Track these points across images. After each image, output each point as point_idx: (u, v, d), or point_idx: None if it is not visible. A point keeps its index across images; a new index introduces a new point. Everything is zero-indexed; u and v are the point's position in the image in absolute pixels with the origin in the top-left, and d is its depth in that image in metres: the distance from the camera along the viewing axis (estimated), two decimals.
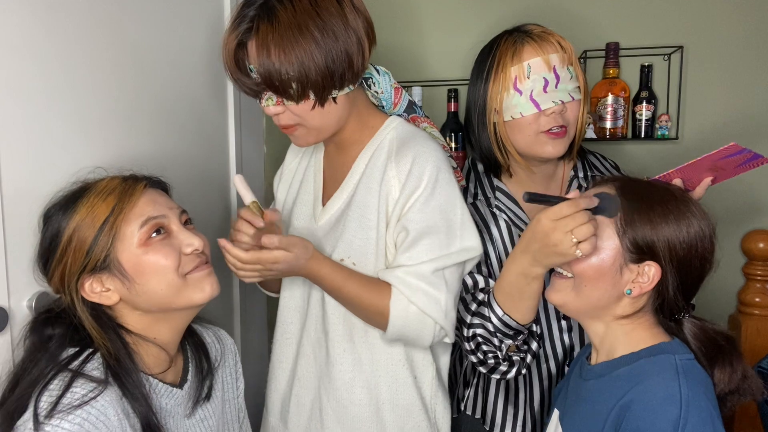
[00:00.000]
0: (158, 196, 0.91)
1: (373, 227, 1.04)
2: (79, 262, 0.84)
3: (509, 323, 1.01)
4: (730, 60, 1.67)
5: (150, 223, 0.86)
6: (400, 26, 1.87)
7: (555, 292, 0.93)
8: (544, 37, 1.12)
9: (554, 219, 0.85)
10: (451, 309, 1.02)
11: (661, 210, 0.86)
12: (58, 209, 0.87)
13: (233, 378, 1.08)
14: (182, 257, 0.88)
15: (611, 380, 0.87)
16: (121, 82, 1.11)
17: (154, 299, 0.87)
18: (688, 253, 0.85)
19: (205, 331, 1.05)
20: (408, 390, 1.08)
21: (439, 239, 1.01)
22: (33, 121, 0.93)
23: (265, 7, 0.95)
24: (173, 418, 0.90)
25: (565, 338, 1.17)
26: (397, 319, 1.00)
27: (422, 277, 1.00)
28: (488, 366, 1.07)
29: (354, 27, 0.98)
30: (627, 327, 0.89)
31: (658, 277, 0.85)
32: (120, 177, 0.90)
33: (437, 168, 1.02)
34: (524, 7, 1.75)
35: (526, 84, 1.09)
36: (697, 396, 0.79)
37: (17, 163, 0.91)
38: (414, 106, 1.16)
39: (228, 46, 0.99)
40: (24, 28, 0.91)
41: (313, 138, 1.06)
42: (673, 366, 0.82)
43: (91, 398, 0.77)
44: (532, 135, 1.11)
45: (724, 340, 0.89)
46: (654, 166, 1.63)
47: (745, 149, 0.96)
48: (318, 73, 0.95)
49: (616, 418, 0.81)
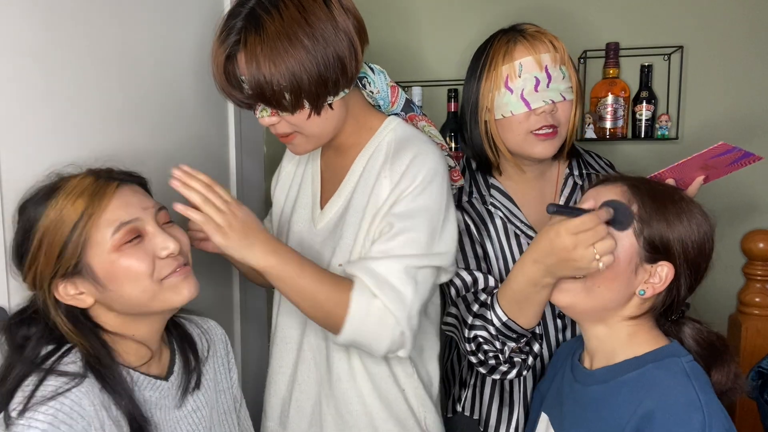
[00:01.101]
0: (131, 196, 0.86)
1: (364, 225, 1.02)
2: (51, 267, 0.81)
3: (513, 327, 1.00)
4: (730, 60, 1.67)
5: (123, 229, 0.82)
6: (400, 26, 1.87)
7: (563, 293, 0.91)
8: (537, 36, 1.12)
9: (575, 233, 0.83)
10: (415, 315, 0.95)
11: (674, 209, 0.85)
12: (32, 205, 0.84)
13: (225, 368, 1.07)
14: (157, 261, 0.85)
15: (618, 386, 0.86)
16: (121, 82, 1.11)
17: (129, 303, 0.85)
18: (698, 254, 0.85)
19: (192, 323, 1.04)
20: (398, 403, 1.07)
21: (419, 237, 0.97)
22: (33, 121, 0.93)
23: (252, 18, 0.93)
24: (161, 410, 0.89)
25: (560, 337, 1.17)
26: (358, 312, 0.93)
27: (392, 272, 0.94)
28: (488, 366, 1.06)
29: (345, 29, 0.95)
30: (631, 329, 0.88)
31: (671, 277, 0.84)
32: (92, 175, 0.86)
33: (434, 172, 0.99)
34: (524, 6, 1.75)
35: (517, 83, 1.10)
36: (711, 397, 0.79)
37: (17, 163, 0.91)
38: (411, 105, 1.15)
39: (217, 60, 0.96)
40: (24, 28, 0.91)
41: (311, 145, 1.04)
42: (682, 369, 0.82)
43: (64, 390, 0.75)
44: (522, 134, 1.12)
45: (719, 342, 0.89)
46: (654, 166, 1.61)
47: (735, 148, 0.97)
48: (311, 82, 0.93)
49: (637, 427, 0.80)
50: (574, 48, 1.73)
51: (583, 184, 1.22)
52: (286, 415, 1.13)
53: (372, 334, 0.94)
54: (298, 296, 0.95)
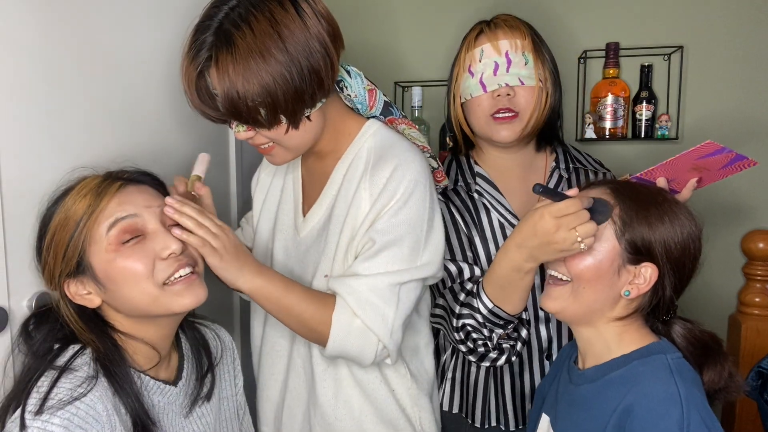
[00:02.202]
0: (135, 195, 0.86)
1: (344, 238, 1.01)
2: (59, 265, 0.82)
3: (499, 314, 1.01)
4: (730, 60, 1.67)
5: (118, 226, 0.82)
6: (400, 25, 1.87)
7: (552, 300, 0.91)
8: (502, 25, 1.18)
9: (558, 216, 0.85)
10: (398, 329, 0.96)
11: (656, 211, 0.86)
12: (50, 203, 0.86)
13: (231, 375, 1.07)
14: (157, 262, 0.83)
15: (605, 384, 0.87)
16: (121, 82, 1.11)
17: (131, 306, 0.84)
18: (682, 254, 0.86)
19: (208, 328, 1.05)
20: (388, 405, 1.07)
21: (401, 252, 0.96)
22: (33, 121, 0.93)
23: (221, 34, 0.88)
24: (167, 416, 0.89)
25: (541, 329, 1.19)
26: (339, 332, 0.95)
27: (374, 290, 0.94)
28: (478, 354, 1.07)
29: (319, 39, 0.91)
30: (619, 329, 0.89)
31: (654, 278, 0.85)
32: (101, 175, 0.87)
33: (415, 182, 0.97)
34: (525, 6, 1.75)
35: (478, 67, 1.17)
36: (693, 393, 0.79)
37: (17, 163, 0.91)
38: (390, 108, 1.11)
39: (188, 77, 0.92)
40: (23, 28, 0.91)
41: (291, 156, 1.02)
42: (666, 365, 0.83)
43: (80, 393, 0.76)
44: (483, 118, 1.18)
45: (711, 341, 0.90)
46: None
47: (725, 149, 0.97)
48: (287, 98, 0.90)
49: (618, 422, 0.81)
50: (574, 48, 1.74)
51: (570, 178, 1.24)
52: (280, 420, 1.14)
53: (355, 350, 0.96)
54: (284, 315, 0.97)
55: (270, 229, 1.15)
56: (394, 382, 1.08)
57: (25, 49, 0.92)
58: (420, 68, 1.87)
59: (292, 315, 0.96)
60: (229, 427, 1.04)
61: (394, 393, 1.08)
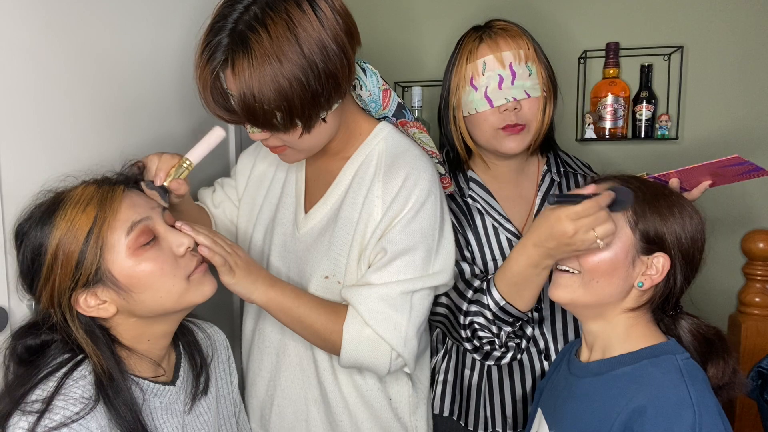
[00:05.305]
0: (138, 197, 0.87)
1: (355, 245, 1.01)
2: (69, 279, 0.80)
3: (510, 311, 1.01)
4: (730, 60, 1.67)
5: (136, 229, 0.82)
6: (400, 25, 1.87)
7: (561, 289, 0.91)
8: (502, 34, 1.15)
9: (575, 219, 0.85)
10: (413, 337, 0.96)
11: (665, 203, 0.88)
12: (35, 224, 0.81)
13: (226, 373, 1.07)
14: (179, 259, 0.86)
15: (612, 379, 0.87)
16: (121, 82, 1.11)
17: (154, 306, 0.84)
18: (691, 245, 0.88)
19: (197, 327, 1.04)
20: (385, 413, 1.07)
21: (414, 261, 0.96)
22: (33, 122, 0.93)
23: (236, 36, 0.86)
24: (168, 416, 0.89)
25: (535, 330, 1.18)
26: (350, 343, 0.95)
27: (386, 299, 0.94)
28: (482, 352, 1.07)
29: (336, 39, 0.89)
30: (629, 321, 0.89)
31: (667, 267, 0.86)
32: (94, 183, 0.85)
33: (427, 191, 0.98)
34: (525, 6, 1.75)
35: (481, 81, 1.14)
36: (704, 396, 0.80)
37: (17, 163, 0.91)
38: (403, 110, 1.11)
39: (202, 80, 0.91)
40: (23, 28, 0.91)
41: (302, 156, 1.02)
42: (677, 367, 0.83)
43: (74, 413, 0.75)
44: (489, 131, 1.15)
45: (716, 337, 0.90)
46: (654, 166, 1.63)
47: (747, 161, 0.98)
48: (303, 102, 0.88)
49: (627, 421, 0.81)
50: (574, 48, 1.74)
51: (561, 182, 1.24)
52: (267, 418, 1.13)
53: (369, 359, 0.96)
54: (297, 325, 0.97)
55: (270, 219, 1.14)
56: (392, 389, 1.08)
57: (26, 50, 0.92)
58: (420, 68, 1.87)
59: (305, 325, 0.97)
60: (227, 425, 1.04)
61: (392, 401, 1.08)
